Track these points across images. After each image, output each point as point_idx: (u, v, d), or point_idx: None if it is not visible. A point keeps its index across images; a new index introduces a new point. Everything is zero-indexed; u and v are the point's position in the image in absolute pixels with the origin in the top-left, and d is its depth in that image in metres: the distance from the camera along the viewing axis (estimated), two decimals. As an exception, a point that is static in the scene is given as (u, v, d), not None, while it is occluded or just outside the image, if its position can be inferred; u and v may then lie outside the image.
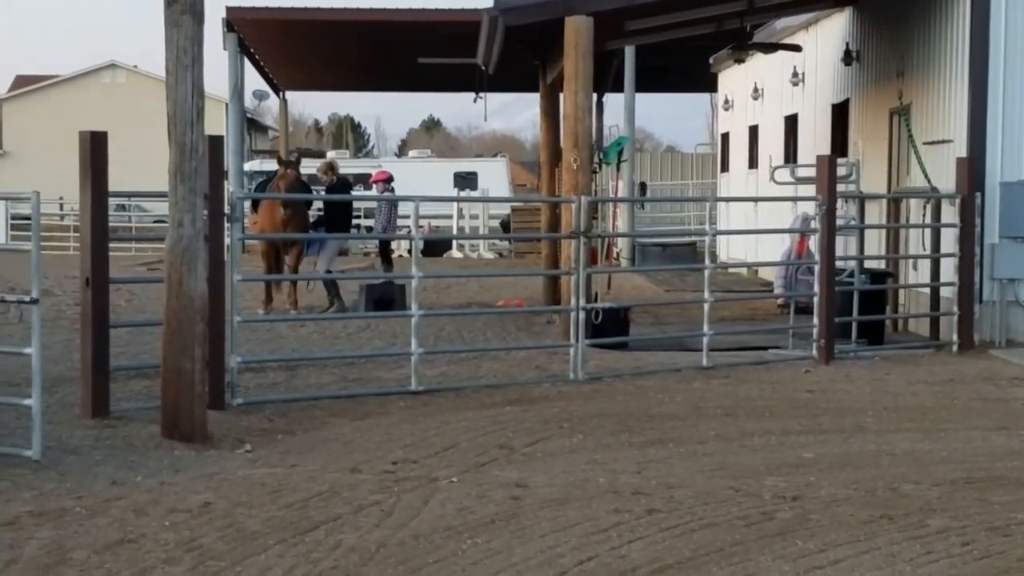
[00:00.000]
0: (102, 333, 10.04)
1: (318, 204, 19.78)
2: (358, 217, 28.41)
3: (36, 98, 66.96)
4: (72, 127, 13.85)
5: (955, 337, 15.06)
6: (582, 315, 12.90)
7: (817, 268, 14.31)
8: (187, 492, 7.75)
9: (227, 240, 10.96)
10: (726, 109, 30.99)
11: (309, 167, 25.50)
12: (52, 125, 60.75)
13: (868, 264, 16.49)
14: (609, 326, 14.52)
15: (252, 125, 62.14)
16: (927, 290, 16.13)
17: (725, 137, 31.56)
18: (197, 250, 9.45)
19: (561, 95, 16.42)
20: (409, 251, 14.72)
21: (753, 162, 27.76)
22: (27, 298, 8.60)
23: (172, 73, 9.36)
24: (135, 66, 67.94)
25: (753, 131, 27.94)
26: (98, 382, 9.98)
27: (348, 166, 39.35)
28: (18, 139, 65.65)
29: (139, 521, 7.11)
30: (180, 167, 9.37)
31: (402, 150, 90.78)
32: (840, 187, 15.29)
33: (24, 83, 70.78)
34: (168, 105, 9.39)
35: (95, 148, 9.92)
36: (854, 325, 15.16)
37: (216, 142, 10.44)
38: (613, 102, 33.39)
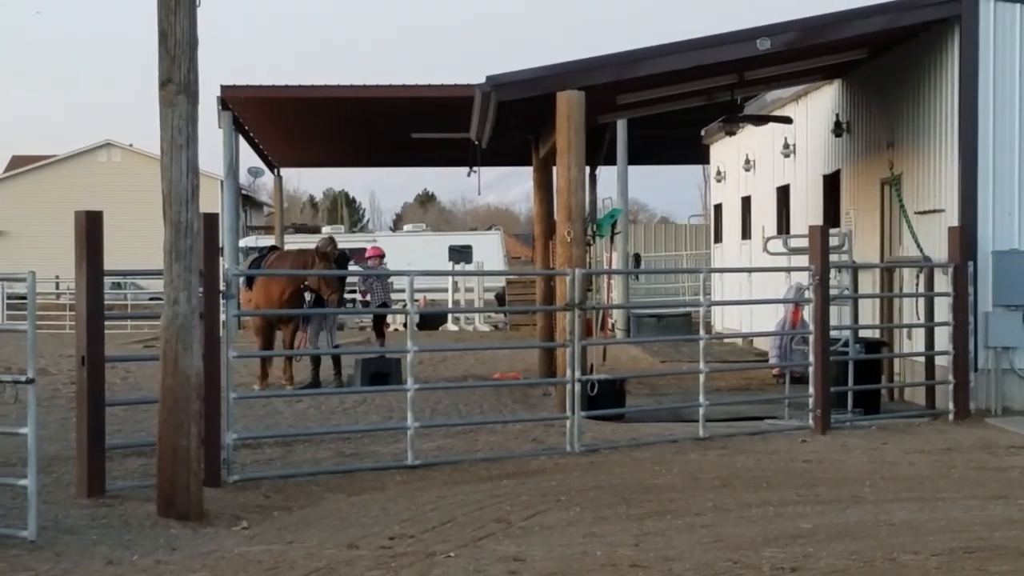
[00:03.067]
0: (98, 412, 10.04)
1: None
2: (353, 291, 28.46)
3: (32, 178, 67.15)
4: (68, 206, 13.91)
5: (951, 405, 15.06)
6: (578, 387, 12.91)
7: (811, 338, 14.35)
8: (183, 571, 7.72)
9: (222, 317, 10.98)
10: (719, 180, 31.16)
11: (302, 242, 25.54)
12: (48, 205, 60.88)
13: (862, 333, 16.53)
14: (605, 398, 14.54)
15: (247, 201, 62.35)
16: (922, 359, 16.16)
17: (718, 208, 31.71)
18: (193, 327, 9.47)
19: (554, 168, 16.55)
20: (405, 325, 14.75)
21: (746, 233, 27.88)
22: (23, 378, 8.61)
23: (167, 153, 9.43)
24: (131, 145, 68.21)
25: (746, 202, 28.09)
26: (94, 461, 9.97)
27: (344, 241, 39.41)
28: (14, 219, 65.73)
29: (135, 601, 7.08)
30: (175, 245, 9.42)
31: (397, 224, 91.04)
32: (833, 257, 15.36)
33: (20, 163, 70.99)
34: (163, 184, 9.45)
35: (91, 227, 9.98)
36: (850, 394, 15.18)
37: (211, 220, 10.50)
38: (606, 174, 33.65)
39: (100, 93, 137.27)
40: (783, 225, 24.51)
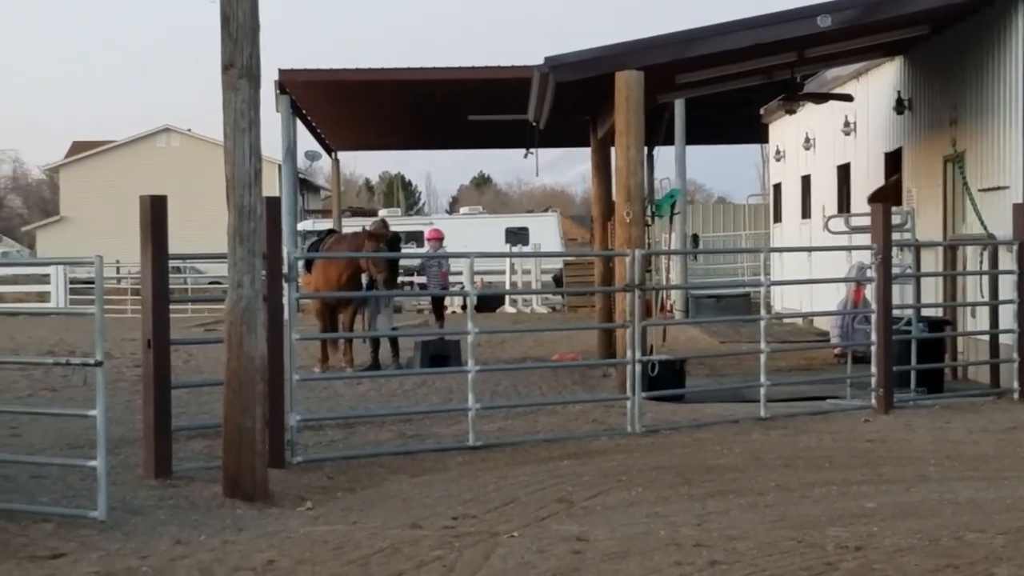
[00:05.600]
0: (164, 394, 10.15)
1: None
2: (410, 274, 28.59)
3: (92, 164, 67.87)
4: (127, 192, 14.09)
5: (1016, 384, 14.93)
6: (638, 368, 12.90)
7: (874, 317, 14.25)
8: (251, 550, 7.79)
9: (285, 299, 11.05)
10: (777, 159, 30.97)
11: (358, 225, 25.61)
12: (108, 190, 61.62)
13: (925, 312, 16.40)
14: (665, 378, 14.51)
15: (304, 185, 62.67)
16: (986, 337, 16.01)
17: (777, 187, 31.53)
18: (257, 310, 9.54)
19: (612, 149, 16.51)
20: (463, 307, 14.80)
21: (806, 212, 27.71)
22: (91, 361, 8.71)
23: (230, 137, 9.48)
24: (189, 130, 68.78)
25: (805, 181, 27.91)
26: (161, 443, 10.08)
27: (400, 224, 39.57)
28: (75, 204, 66.55)
29: (204, 580, 7.15)
30: (239, 229, 9.48)
31: (453, 207, 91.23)
32: (895, 235, 15.24)
33: (80, 149, 71.78)
34: (226, 168, 9.51)
35: (155, 212, 10.07)
36: (913, 374, 15.07)
37: (273, 203, 10.56)
38: (664, 154, 33.52)
39: (158, 78, 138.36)
40: (843, 204, 24.33)
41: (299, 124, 33.62)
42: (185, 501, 9.33)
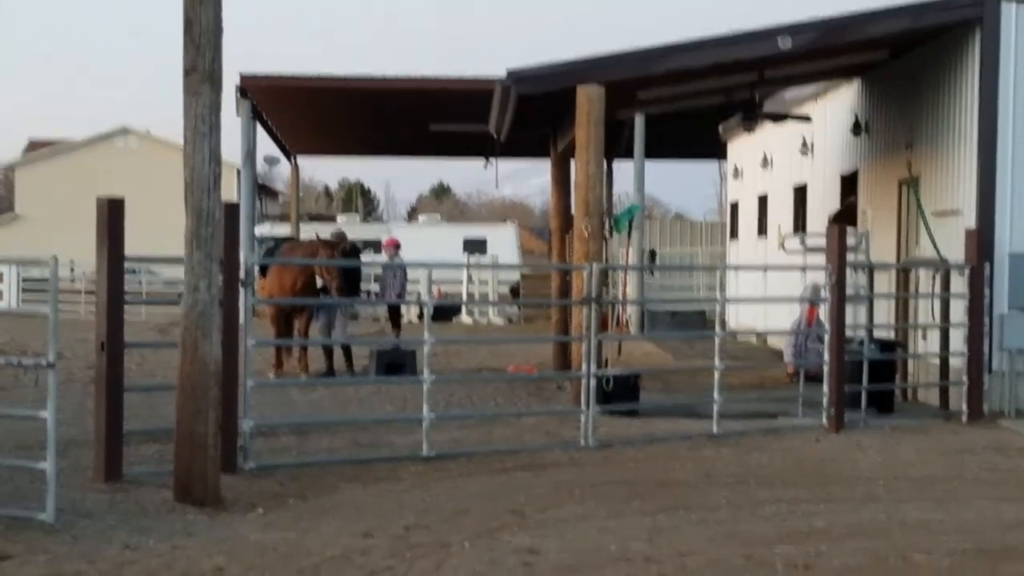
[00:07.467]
0: (117, 398, 10.11)
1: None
2: (366, 282, 28.55)
3: (49, 162, 67.30)
4: (84, 191, 14.00)
5: (964, 407, 15.07)
6: (593, 381, 12.94)
7: (827, 337, 14.37)
8: (200, 556, 7.77)
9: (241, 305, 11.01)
10: (736, 177, 31.16)
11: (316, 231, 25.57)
12: (64, 189, 61.10)
13: (877, 333, 16.53)
14: (619, 393, 14.57)
15: (262, 190, 62.39)
16: (937, 360, 16.17)
17: (734, 205, 31.72)
18: (212, 315, 9.52)
19: (572, 162, 16.57)
20: (420, 316, 14.80)
21: (762, 230, 27.89)
22: (43, 362, 8.66)
23: (190, 141, 9.47)
24: (148, 131, 68.34)
25: (762, 200, 28.09)
26: (112, 446, 10.04)
27: (357, 231, 39.48)
28: (30, 203, 65.95)
29: (152, 585, 7.13)
30: (196, 233, 9.46)
31: (411, 215, 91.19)
32: (849, 257, 15.37)
33: (37, 147, 71.22)
34: (185, 172, 9.49)
35: (112, 214, 10.04)
36: (864, 394, 15.18)
37: (232, 209, 10.55)
38: (623, 169, 33.60)
39: (118, 78, 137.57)
40: (799, 224, 24.51)
41: (259, 128, 33.48)
42: (135, 505, 9.29)
